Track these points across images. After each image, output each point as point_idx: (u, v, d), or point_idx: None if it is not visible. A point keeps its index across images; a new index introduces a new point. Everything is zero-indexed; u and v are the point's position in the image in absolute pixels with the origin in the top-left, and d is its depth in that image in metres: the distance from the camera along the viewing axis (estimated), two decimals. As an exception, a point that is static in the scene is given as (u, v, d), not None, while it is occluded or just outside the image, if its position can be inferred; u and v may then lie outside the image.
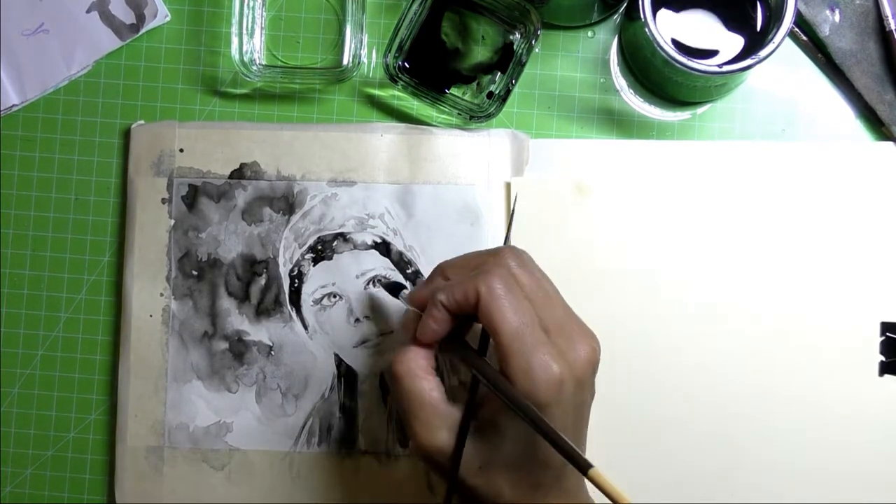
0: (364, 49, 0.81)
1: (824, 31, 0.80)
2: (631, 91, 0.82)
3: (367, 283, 0.81)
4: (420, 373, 0.67)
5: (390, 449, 0.80)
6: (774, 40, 0.71)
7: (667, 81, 0.78)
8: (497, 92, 0.80)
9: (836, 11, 0.80)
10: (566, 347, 0.65)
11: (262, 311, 0.81)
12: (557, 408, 0.64)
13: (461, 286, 0.66)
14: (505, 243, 0.73)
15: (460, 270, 0.69)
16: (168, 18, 0.83)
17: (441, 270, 0.70)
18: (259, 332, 0.81)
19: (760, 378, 0.79)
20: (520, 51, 0.79)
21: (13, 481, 0.82)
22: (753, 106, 0.82)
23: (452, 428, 0.66)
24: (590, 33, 0.82)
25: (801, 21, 0.80)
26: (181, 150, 0.81)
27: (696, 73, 0.72)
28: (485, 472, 0.65)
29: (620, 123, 0.82)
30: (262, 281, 0.81)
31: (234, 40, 0.80)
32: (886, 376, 0.79)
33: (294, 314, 0.81)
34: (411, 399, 0.66)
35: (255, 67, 0.81)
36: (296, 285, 0.81)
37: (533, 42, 0.78)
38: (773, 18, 0.73)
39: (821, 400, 0.79)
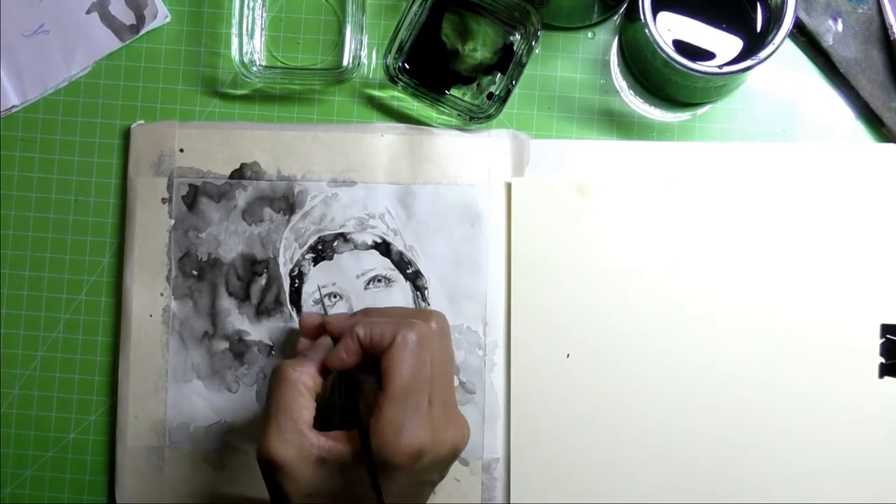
0: (364, 50, 0.81)
1: (828, 40, 0.80)
2: (631, 92, 0.82)
3: (368, 283, 0.81)
4: (304, 390, 0.68)
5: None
6: (774, 41, 0.71)
7: (667, 82, 0.78)
8: (497, 93, 0.80)
9: (839, 21, 0.80)
10: (440, 425, 0.68)
11: (263, 311, 0.81)
12: (405, 476, 0.67)
13: (381, 326, 0.68)
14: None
15: (383, 315, 0.72)
16: (168, 19, 0.83)
17: (365, 312, 0.73)
18: (259, 332, 0.81)
19: (761, 379, 0.79)
20: (520, 52, 0.79)
21: (13, 482, 0.82)
22: (753, 107, 0.82)
23: (302, 453, 0.66)
24: (590, 34, 0.82)
25: (804, 31, 0.80)
26: (181, 150, 0.81)
27: (697, 74, 0.72)
28: (311, 501, 0.67)
29: (621, 124, 0.82)
30: (263, 281, 0.81)
31: (234, 41, 0.80)
32: (887, 378, 0.79)
33: (294, 314, 0.81)
34: (284, 407, 0.67)
35: (255, 68, 0.81)
36: (296, 285, 0.81)
37: (533, 43, 0.78)
38: (773, 20, 0.73)
39: (821, 401, 0.79)
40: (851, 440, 0.79)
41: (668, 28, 0.75)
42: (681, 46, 0.75)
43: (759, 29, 0.75)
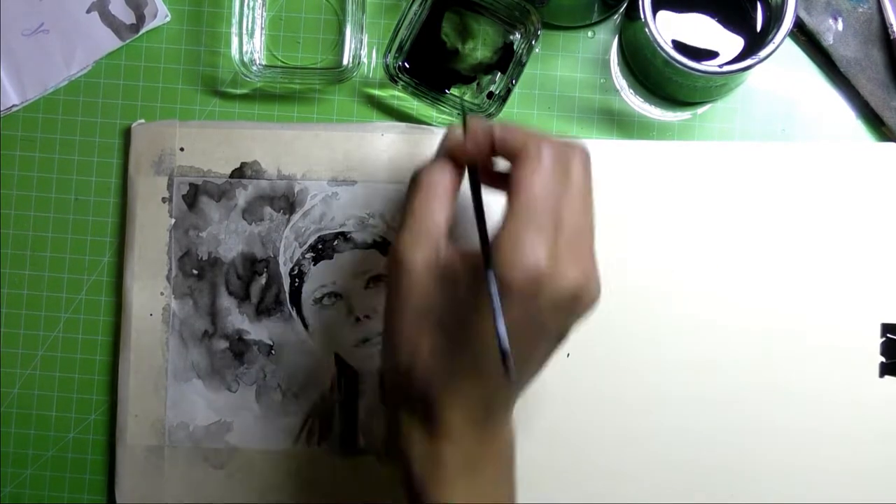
0: (364, 49, 0.81)
1: (828, 39, 0.80)
2: (631, 91, 0.82)
3: (368, 282, 0.81)
4: (441, 192, 0.64)
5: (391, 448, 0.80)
6: (774, 41, 0.71)
7: (667, 81, 0.78)
8: (497, 92, 0.80)
9: (839, 20, 0.80)
10: (565, 256, 0.61)
11: (263, 311, 0.81)
12: (519, 304, 0.60)
13: (521, 133, 0.63)
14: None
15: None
16: (168, 18, 0.83)
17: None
18: (259, 332, 0.81)
19: (761, 378, 0.79)
20: (520, 51, 0.79)
21: (13, 482, 0.82)
22: (753, 106, 0.82)
23: (428, 255, 0.62)
24: (590, 33, 0.82)
25: (804, 30, 0.80)
26: (182, 149, 0.81)
27: (697, 73, 0.72)
28: (421, 319, 0.63)
29: (620, 123, 0.82)
30: (263, 280, 0.81)
31: (234, 40, 0.80)
32: (887, 377, 0.79)
33: (294, 313, 0.81)
34: (415, 214, 0.63)
35: (255, 67, 0.81)
36: (296, 284, 0.81)
37: (533, 42, 0.78)
38: (774, 19, 0.73)
39: (821, 401, 0.79)
40: (851, 440, 0.79)
41: (668, 27, 0.75)
42: (681, 46, 0.75)
43: (759, 28, 0.75)
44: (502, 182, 0.65)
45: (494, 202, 0.64)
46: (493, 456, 0.65)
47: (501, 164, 0.66)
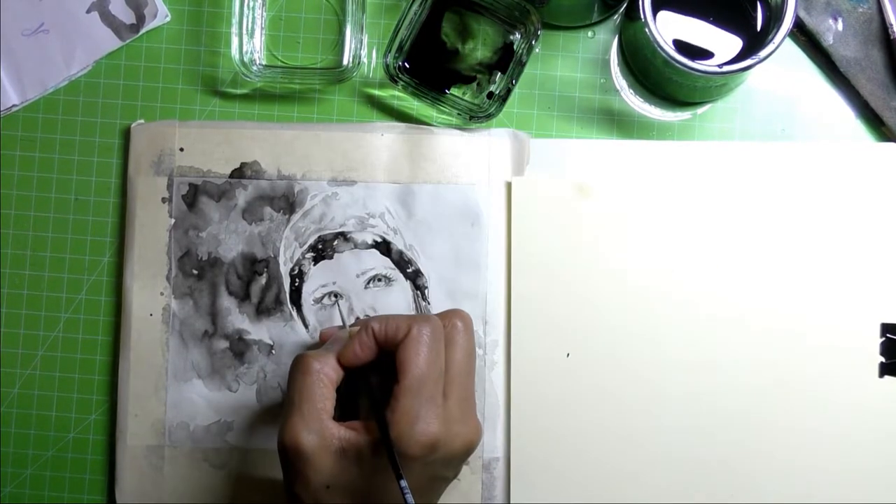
0: (364, 49, 0.81)
1: (828, 39, 0.80)
2: (631, 91, 0.82)
3: (368, 282, 0.81)
4: (326, 381, 0.69)
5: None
6: (774, 41, 0.71)
7: (667, 81, 0.78)
8: (497, 92, 0.80)
9: (839, 20, 0.80)
10: (455, 419, 0.69)
11: (263, 311, 0.81)
12: (419, 468, 0.67)
13: (395, 320, 0.69)
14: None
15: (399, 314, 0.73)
16: (168, 18, 0.83)
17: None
18: (259, 331, 0.81)
19: (761, 378, 0.79)
20: (520, 51, 0.79)
21: (13, 482, 0.82)
22: (753, 106, 0.82)
23: (323, 442, 0.67)
24: (590, 33, 0.82)
25: (804, 30, 0.80)
26: (181, 150, 0.81)
27: (697, 73, 0.72)
28: (330, 492, 0.67)
29: (620, 123, 0.82)
30: (263, 280, 0.81)
31: (234, 40, 0.80)
32: (886, 377, 0.79)
33: (295, 313, 0.81)
34: (308, 396, 0.68)
35: (255, 67, 0.81)
36: (296, 284, 0.81)
37: (533, 42, 0.78)
38: (773, 19, 0.73)
39: (821, 401, 0.79)
40: (851, 439, 0.79)
41: (668, 27, 0.75)
42: (681, 46, 0.75)
43: (759, 28, 0.75)
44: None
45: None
46: None
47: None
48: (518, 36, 0.80)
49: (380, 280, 0.81)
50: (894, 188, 0.80)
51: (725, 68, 0.72)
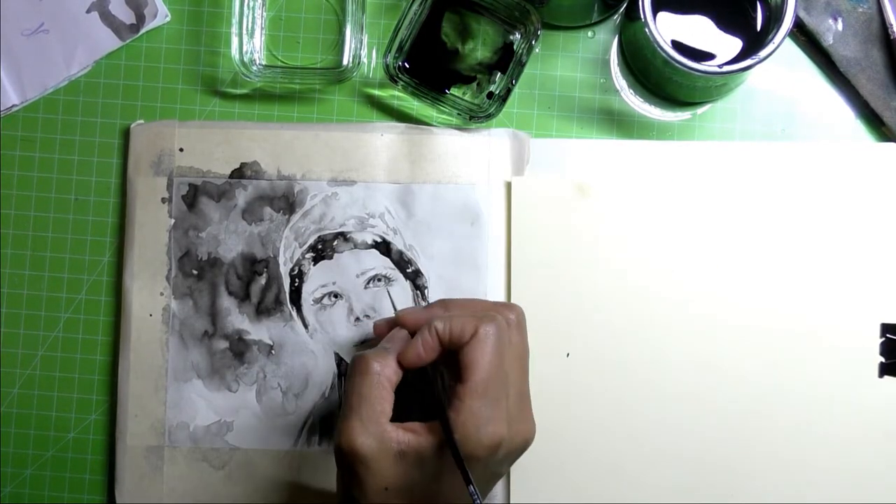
0: (364, 49, 0.81)
1: (828, 39, 0.80)
2: (631, 91, 0.82)
3: (368, 282, 0.81)
4: (386, 383, 0.68)
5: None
6: (774, 41, 0.71)
7: (667, 82, 0.78)
8: (497, 92, 0.80)
9: (839, 20, 0.80)
10: (516, 417, 0.69)
11: (263, 311, 0.81)
12: (481, 468, 0.67)
13: (460, 320, 0.68)
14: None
15: (462, 309, 0.71)
16: (168, 18, 0.83)
17: (442, 303, 0.72)
18: (259, 332, 0.81)
19: (761, 378, 0.79)
20: (520, 51, 0.79)
21: (13, 481, 0.82)
22: (753, 106, 0.82)
23: (383, 445, 0.66)
24: (590, 33, 0.82)
25: (804, 30, 0.80)
26: (181, 150, 0.81)
27: (697, 73, 0.72)
28: (388, 495, 0.66)
29: (620, 123, 0.82)
30: (263, 280, 0.81)
31: (234, 40, 0.80)
32: (886, 377, 0.79)
33: (294, 313, 0.81)
34: (367, 399, 0.67)
35: (255, 67, 0.81)
36: (296, 284, 0.81)
37: (533, 42, 0.78)
38: (773, 19, 0.73)
39: (821, 401, 0.79)
40: (851, 440, 0.78)
41: (668, 27, 0.75)
42: (681, 46, 0.75)
43: (759, 28, 0.75)
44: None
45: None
46: None
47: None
48: (518, 36, 0.80)
49: (380, 280, 0.81)
50: (894, 188, 0.80)
51: (725, 68, 0.72)
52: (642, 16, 0.71)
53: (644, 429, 0.79)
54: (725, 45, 0.75)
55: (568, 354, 0.79)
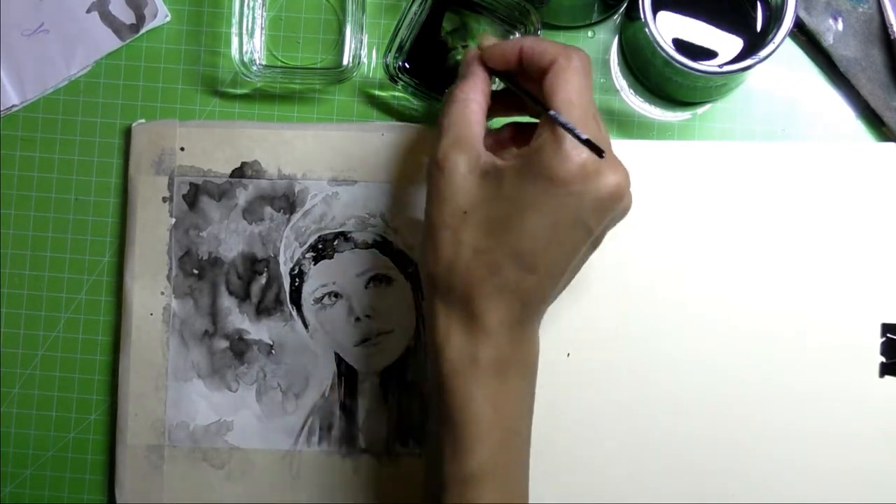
0: (364, 49, 0.81)
1: (828, 39, 0.80)
2: (631, 91, 0.82)
3: (368, 282, 0.81)
4: (476, 107, 0.68)
5: (390, 448, 0.80)
6: (775, 41, 0.71)
7: (667, 82, 0.78)
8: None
9: (840, 20, 0.80)
10: (606, 160, 0.63)
11: (263, 310, 0.81)
12: (565, 197, 0.63)
13: (545, 44, 0.66)
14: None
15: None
16: (168, 18, 0.83)
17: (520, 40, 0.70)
18: (259, 331, 0.81)
19: (760, 378, 0.79)
20: (520, 51, 0.79)
21: (13, 481, 0.82)
22: (753, 106, 0.82)
23: (472, 163, 0.66)
24: (590, 33, 0.82)
25: (804, 30, 0.80)
26: (182, 149, 0.81)
27: (697, 73, 0.72)
28: (467, 218, 0.65)
29: (620, 123, 0.82)
30: (263, 280, 0.81)
31: (234, 40, 0.80)
32: (887, 377, 0.79)
33: (295, 313, 0.81)
34: (458, 120, 0.67)
35: (255, 67, 0.81)
36: (296, 284, 0.81)
37: (533, 42, 0.78)
38: (774, 19, 0.73)
39: (821, 401, 0.79)
40: (851, 439, 0.79)
41: (668, 27, 0.75)
42: (681, 46, 0.75)
43: (759, 28, 0.75)
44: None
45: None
46: (522, 361, 0.67)
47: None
48: (518, 36, 0.80)
49: (380, 280, 0.81)
50: (894, 188, 0.80)
51: (725, 68, 0.72)
52: (642, 16, 0.71)
53: (644, 429, 0.79)
54: (725, 45, 0.75)
55: (568, 354, 0.79)
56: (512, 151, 0.71)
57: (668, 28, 0.75)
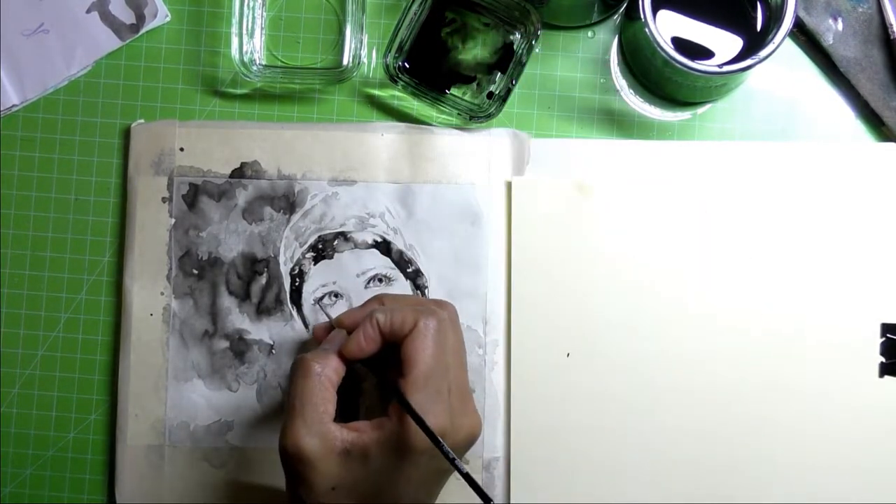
0: (364, 49, 0.81)
1: (828, 39, 0.80)
2: (631, 91, 0.82)
3: (368, 282, 0.81)
4: (327, 383, 0.68)
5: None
6: (774, 41, 0.71)
7: (667, 81, 0.78)
8: (497, 92, 0.80)
9: (839, 20, 0.80)
10: (459, 412, 0.69)
11: (263, 310, 0.81)
12: (426, 461, 0.67)
13: (401, 312, 0.69)
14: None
15: (399, 303, 0.72)
16: (168, 18, 0.83)
17: (380, 300, 0.73)
18: (260, 331, 0.81)
19: (761, 378, 0.79)
20: (520, 51, 0.79)
21: (13, 481, 0.82)
22: (753, 106, 0.82)
23: (327, 445, 0.66)
24: (590, 33, 0.82)
25: (804, 30, 0.80)
26: (182, 149, 0.81)
27: (697, 73, 0.72)
28: (336, 494, 0.67)
29: (620, 123, 0.82)
30: (263, 280, 0.81)
31: (234, 40, 0.80)
32: (887, 377, 0.79)
33: (295, 313, 0.81)
34: (309, 400, 0.67)
35: (255, 67, 0.81)
36: (296, 284, 0.81)
37: (533, 42, 0.78)
38: (773, 19, 0.73)
39: (821, 401, 0.79)
40: (851, 439, 0.79)
41: (668, 27, 0.75)
42: (681, 45, 0.75)
43: (759, 28, 0.75)
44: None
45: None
46: None
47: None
48: (518, 36, 0.80)
49: (380, 280, 0.81)
50: (894, 188, 0.80)
51: (725, 68, 0.72)
52: (642, 16, 0.71)
53: (644, 429, 0.79)
54: (725, 45, 0.75)
55: (568, 354, 0.79)
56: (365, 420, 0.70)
57: (667, 28, 0.75)
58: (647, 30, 0.71)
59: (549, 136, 0.82)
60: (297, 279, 0.81)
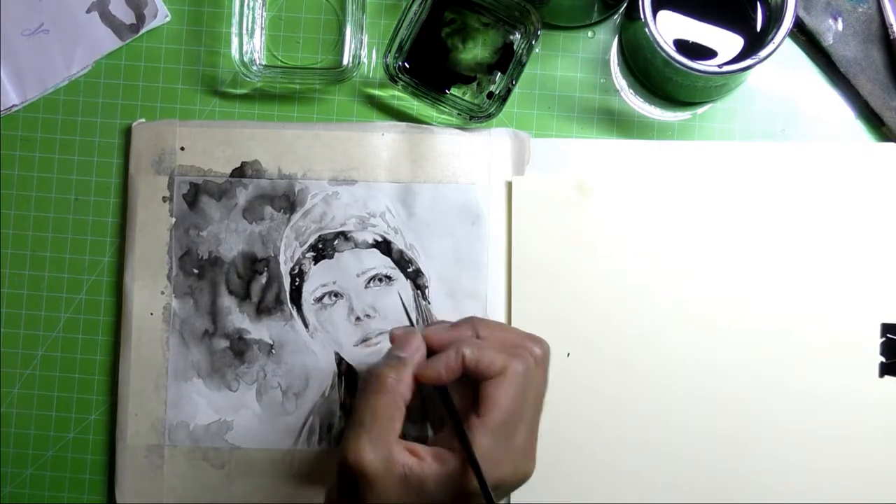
0: (364, 49, 0.81)
1: (828, 39, 0.80)
2: (631, 91, 0.82)
3: (368, 282, 0.81)
4: (400, 401, 0.67)
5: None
6: (774, 41, 0.71)
7: (667, 81, 0.78)
8: (497, 92, 0.80)
9: (839, 20, 0.80)
10: (522, 459, 0.68)
11: (263, 310, 0.81)
12: (477, 499, 0.65)
13: (491, 353, 0.67)
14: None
15: (492, 333, 0.69)
16: (168, 18, 0.83)
17: (473, 325, 0.70)
18: (260, 331, 0.81)
19: (761, 378, 0.79)
20: (520, 51, 0.79)
21: (13, 481, 0.82)
22: (753, 106, 0.82)
23: (389, 467, 0.65)
24: (590, 33, 0.82)
25: (804, 30, 0.80)
26: (182, 149, 0.81)
27: (697, 73, 0.72)
28: None
29: (620, 123, 0.82)
30: (263, 279, 0.81)
31: (234, 40, 0.80)
32: (887, 377, 0.79)
33: (295, 313, 0.81)
34: (380, 417, 0.66)
35: (255, 67, 0.81)
36: (297, 284, 0.81)
37: (533, 42, 0.78)
38: (773, 19, 0.73)
39: (821, 401, 0.79)
40: (851, 439, 0.79)
41: (668, 27, 0.75)
42: (681, 45, 0.75)
43: (759, 28, 0.75)
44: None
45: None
46: None
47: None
48: (518, 36, 0.80)
49: (380, 280, 0.81)
50: (894, 188, 0.80)
51: (725, 68, 0.72)
52: (642, 16, 0.71)
53: (644, 428, 0.79)
54: (725, 45, 0.75)
55: (568, 354, 0.79)
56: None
57: (668, 28, 0.75)
58: (647, 30, 0.71)
59: (549, 135, 0.82)
60: (298, 279, 0.81)
